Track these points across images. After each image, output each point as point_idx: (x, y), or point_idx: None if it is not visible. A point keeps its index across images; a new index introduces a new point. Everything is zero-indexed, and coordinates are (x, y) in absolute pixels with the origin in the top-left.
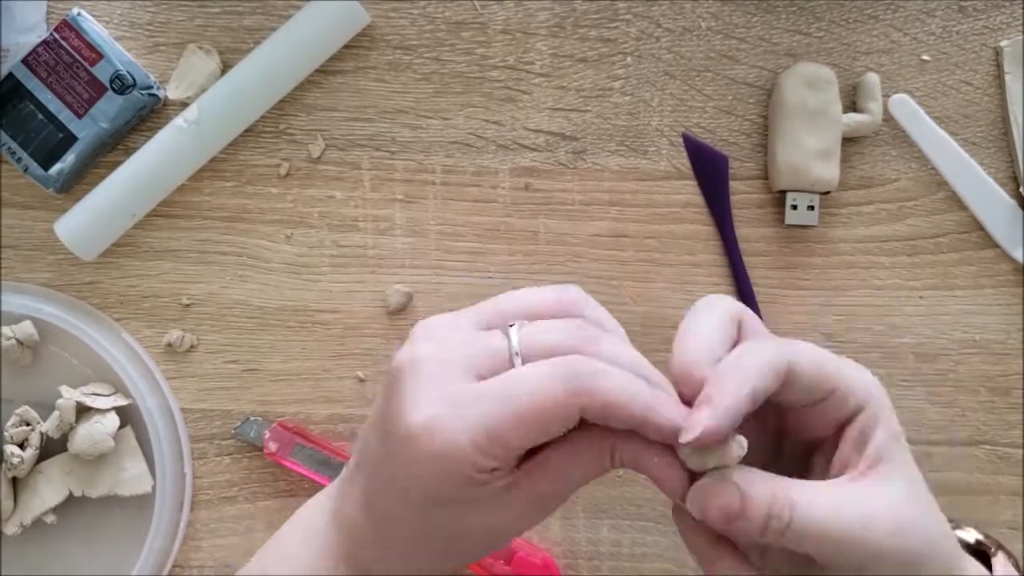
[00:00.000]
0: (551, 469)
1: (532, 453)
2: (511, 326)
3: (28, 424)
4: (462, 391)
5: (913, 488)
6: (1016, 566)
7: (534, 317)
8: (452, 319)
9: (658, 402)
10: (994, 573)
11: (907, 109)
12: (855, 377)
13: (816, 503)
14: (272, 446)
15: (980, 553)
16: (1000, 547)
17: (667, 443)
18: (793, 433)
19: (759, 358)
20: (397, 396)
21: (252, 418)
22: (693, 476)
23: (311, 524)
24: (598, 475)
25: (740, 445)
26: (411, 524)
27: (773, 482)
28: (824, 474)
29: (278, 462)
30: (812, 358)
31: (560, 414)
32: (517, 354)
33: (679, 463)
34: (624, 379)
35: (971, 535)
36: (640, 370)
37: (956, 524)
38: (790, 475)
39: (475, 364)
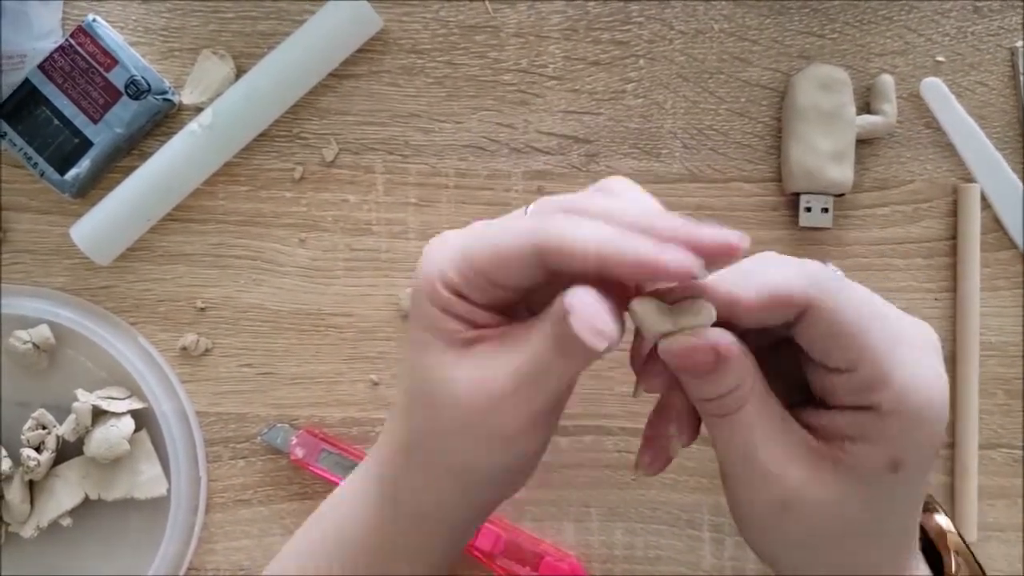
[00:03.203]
0: (512, 334)
1: None
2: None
3: (44, 427)
4: (474, 223)
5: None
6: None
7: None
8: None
9: (626, 239)
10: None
11: (938, 93)
12: (896, 368)
13: (773, 431)
14: (299, 452)
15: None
16: (963, 549)
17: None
18: (811, 382)
19: (769, 277)
20: None
21: (279, 424)
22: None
23: (354, 480)
24: (545, 345)
25: (711, 312)
26: (403, 375)
27: (755, 369)
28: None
29: (305, 468)
30: (846, 315)
31: (516, 251)
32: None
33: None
34: (592, 225)
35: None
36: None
37: (934, 507)
38: None
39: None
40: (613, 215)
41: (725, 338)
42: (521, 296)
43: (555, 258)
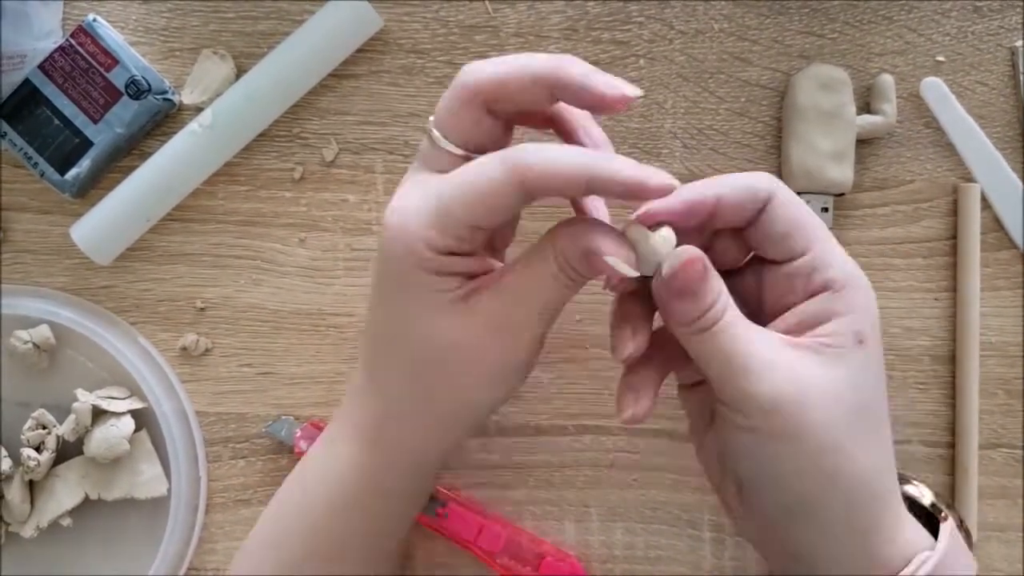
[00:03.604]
0: (503, 283)
1: None
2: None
3: (44, 427)
4: (425, 182)
5: (860, 387)
6: (967, 538)
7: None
8: None
9: (601, 157)
10: (938, 539)
11: (938, 93)
12: (836, 254)
13: (750, 332)
14: (303, 445)
15: (930, 516)
16: (952, 511)
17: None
18: (769, 299)
19: (739, 177)
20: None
21: (284, 417)
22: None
23: (329, 435)
24: (551, 288)
25: (673, 236)
26: (389, 337)
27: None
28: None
29: None
30: (797, 208)
31: (499, 188)
32: (439, 138)
33: (625, 240)
34: (563, 148)
35: (927, 496)
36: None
37: (907, 478)
38: None
39: (427, 165)
40: (522, 77)
41: (700, 252)
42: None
43: (541, 187)
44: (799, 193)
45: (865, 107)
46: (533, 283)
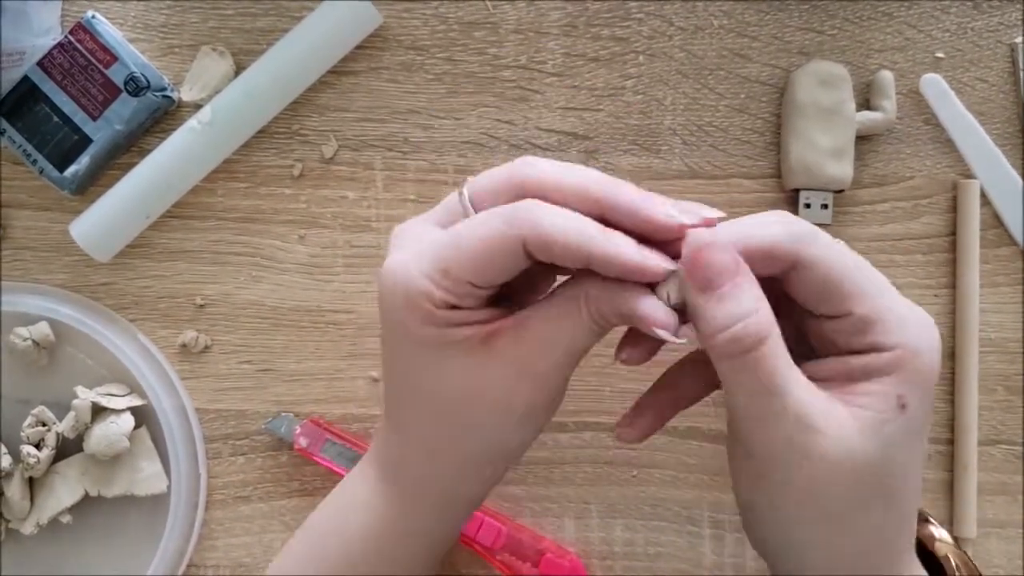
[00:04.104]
0: (528, 328)
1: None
2: (462, 186)
3: (44, 424)
4: (423, 238)
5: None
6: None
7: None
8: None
9: (604, 233)
10: None
11: (938, 89)
12: (889, 311)
13: (796, 371)
14: (303, 441)
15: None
16: (959, 552)
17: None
18: (808, 340)
19: (761, 234)
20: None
21: (284, 414)
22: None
23: (355, 470)
24: (581, 336)
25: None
26: (408, 388)
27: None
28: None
29: (309, 458)
30: (837, 264)
31: (501, 246)
32: (468, 204)
33: (655, 296)
34: (569, 217)
35: (944, 542)
36: (588, 195)
37: (925, 517)
38: None
39: (437, 220)
40: (578, 191)
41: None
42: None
43: (543, 254)
44: (798, 190)
45: (865, 103)
46: (562, 331)
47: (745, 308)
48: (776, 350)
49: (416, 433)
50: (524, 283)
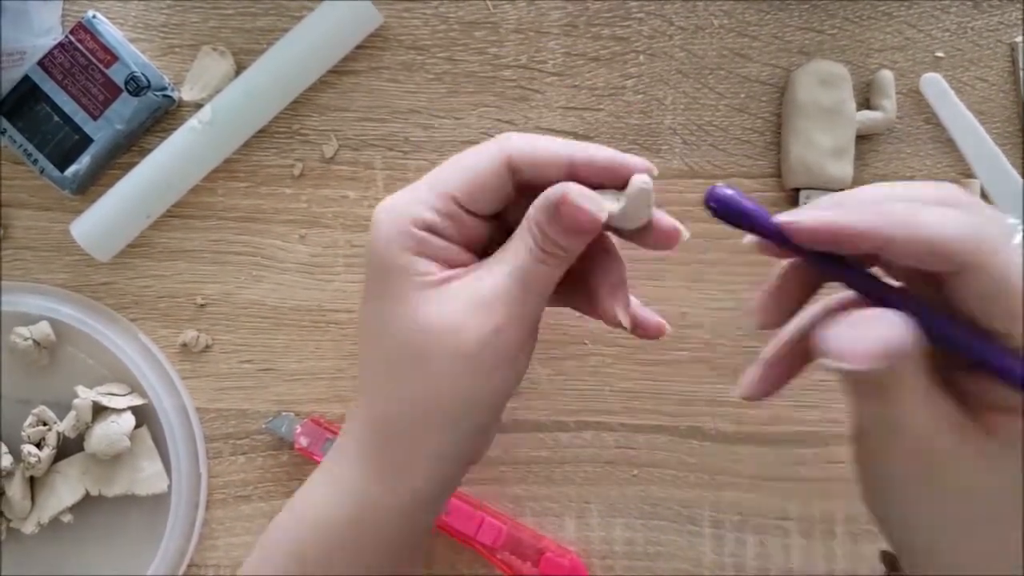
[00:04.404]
0: (480, 265)
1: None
2: None
3: (45, 424)
4: (424, 179)
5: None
6: None
7: None
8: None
9: (591, 146)
10: None
11: (938, 89)
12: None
13: (935, 406)
14: (303, 441)
15: None
16: None
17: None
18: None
19: (940, 219)
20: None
21: (284, 413)
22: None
23: (330, 454)
24: (527, 260)
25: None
26: (372, 326)
27: (915, 339)
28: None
29: (309, 457)
30: (1010, 271)
31: (489, 162)
32: None
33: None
34: (548, 138)
35: None
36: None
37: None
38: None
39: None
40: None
41: (896, 332)
42: (487, 235)
43: (528, 166)
44: (798, 189)
45: (865, 103)
46: (508, 256)
47: (884, 345)
48: (907, 387)
49: (380, 390)
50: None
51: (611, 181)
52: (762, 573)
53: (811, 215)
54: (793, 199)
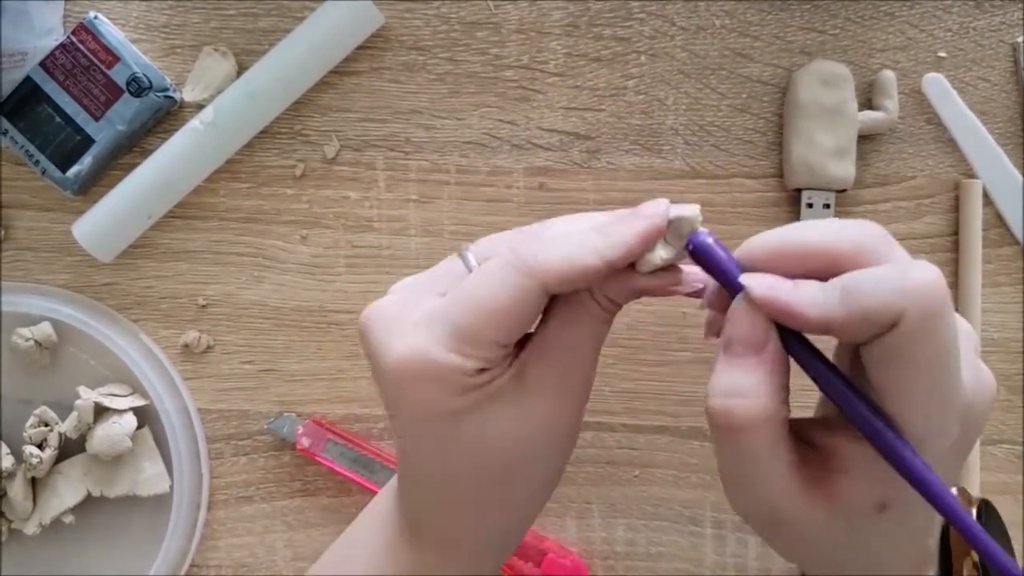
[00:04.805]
0: (551, 345)
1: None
2: (463, 248)
3: (47, 425)
4: (427, 310)
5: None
6: None
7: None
8: (407, 281)
9: (610, 233)
10: None
11: (940, 89)
12: (926, 414)
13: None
14: (305, 442)
15: None
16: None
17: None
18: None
19: (876, 285)
20: (371, 345)
21: (286, 414)
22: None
23: (378, 506)
24: (600, 329)
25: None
26: (444, 455)
27: (777, 385)
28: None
29: (311, 458)
30: (931, 347)
31: (522, 298)
32: (475, 267)
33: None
34: (570, 240)
35: None
36: (592, 227)
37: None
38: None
39: (438, 288)
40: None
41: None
42: None
43: (562, 283)
44: (800, 190)
45: (867, 103)
46: (583, 332)
47: (743, 388)
48: (757, 440)
49: (461, 495)
50: None
51: (646, 251)
52: (764, 574)
53: (763, 288)
54: (795, 199)
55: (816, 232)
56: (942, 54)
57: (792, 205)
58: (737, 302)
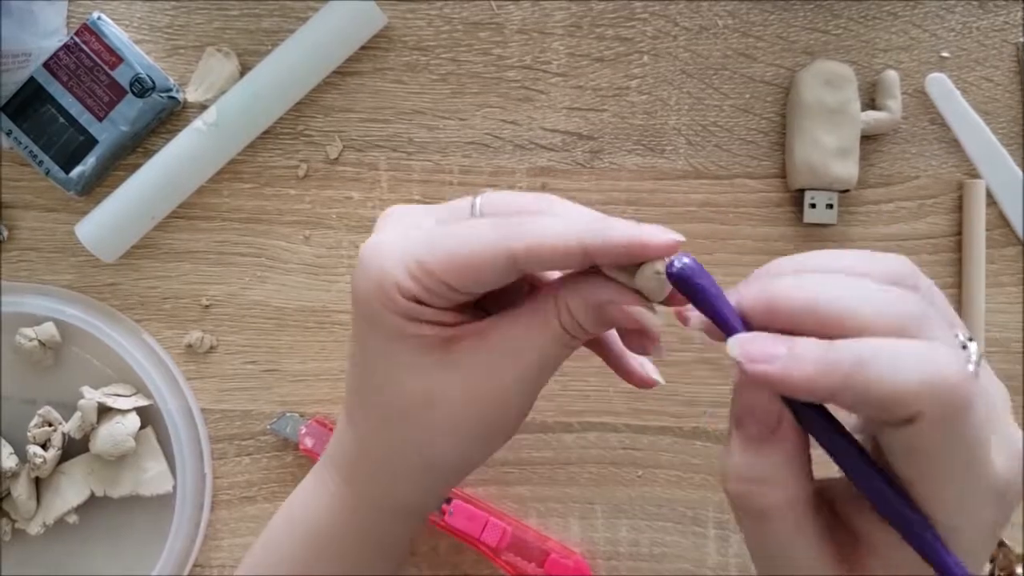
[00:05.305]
0: (494, 334)
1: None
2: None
3: (50, 425)
4: (416, 227)
5: None
6: None
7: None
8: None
9: (597, 223)
10: None
11: (943, 89)
12: (957, 505)
13: (802, 535)
14: (308, 442)
15: None
16: None
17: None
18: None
19: (895, 367)
20: (355, 274)
21: (288, 413)
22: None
23: (314, 469)
24: (550, 345)
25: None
26: (364, 381)
27: (799, 471)
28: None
29: (314, 458)
30: (958, 437)
31: (488, 257)
32: (479, 214)
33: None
34: (557, 221)
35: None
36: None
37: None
38: None
39: (436, 215)
40: (570, 215)
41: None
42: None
43: (534, 262)
44: (803, 190)
45: (870, 103)
46: (529, 339)
47: (762, 473)
48: (783, 525)
49: (366, 433)
50: (502, 295)
51: (628, 262)
52: None
53: (756, 358)
54: (798, 199)
55: (857, 301)
56: (945, 54)
57: (795, 205)
58: (754, 371)
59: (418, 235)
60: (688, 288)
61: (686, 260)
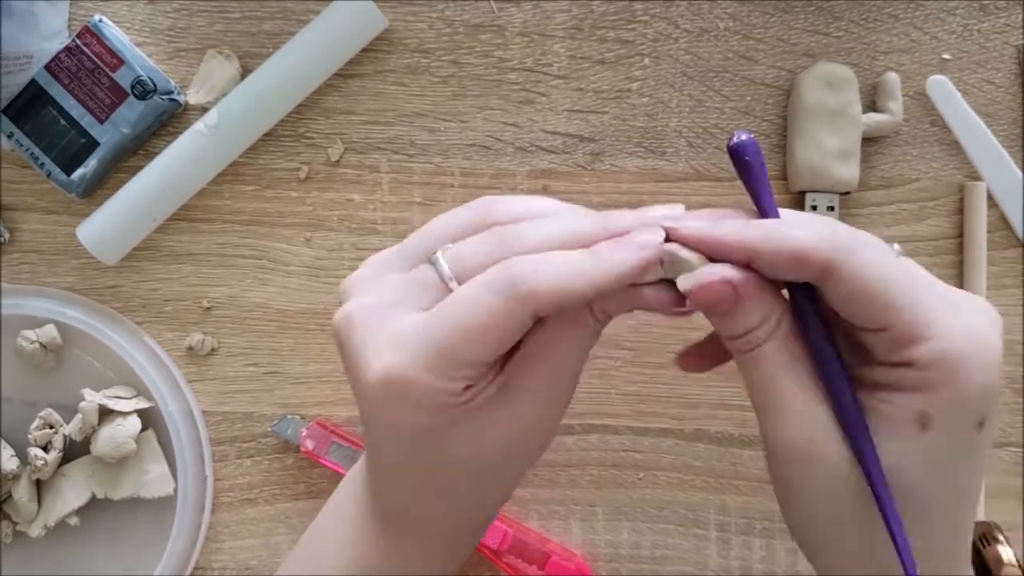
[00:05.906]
0: (537, 353)
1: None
2: (435, 254)
3: (51, 427)
4: (406, 327)
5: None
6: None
7: (457, 239)
8: (376, 263)
9: (602, 259)
10: None
11: (944, 91)
12: (935, 323)
13: (791, 372)
14: (309, 444)
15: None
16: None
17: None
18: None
19: (787, 236)
20: (348, 356)
21: (289, 416)
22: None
23: (343, 496)
24: (590, 339)
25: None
26: (423, 462)
27: (782, 306)
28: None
29: (315, 460)
30: (875, 278)
31: (510, 323)
32: (451, 279)
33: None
34: (561, 264)
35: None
36: (576, 238)
37: (996, 535)
38: None
39: (413, 301)
40: (564, 236)
41: (740, 273)
42: None
43: (552, 309)
44: (804, 192)
45: (871, 105)
46: (572, 341)
47: (752, 321)
48: (777, 355)
49: (436, 493)
50: None
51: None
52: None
53: (689, 225)
54: (799, 202)
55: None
56: (946, 56)
57: (796, 207)
58: (697, 278)
59: (427, 335)
60: (739, 163)
61: (743, 137)
